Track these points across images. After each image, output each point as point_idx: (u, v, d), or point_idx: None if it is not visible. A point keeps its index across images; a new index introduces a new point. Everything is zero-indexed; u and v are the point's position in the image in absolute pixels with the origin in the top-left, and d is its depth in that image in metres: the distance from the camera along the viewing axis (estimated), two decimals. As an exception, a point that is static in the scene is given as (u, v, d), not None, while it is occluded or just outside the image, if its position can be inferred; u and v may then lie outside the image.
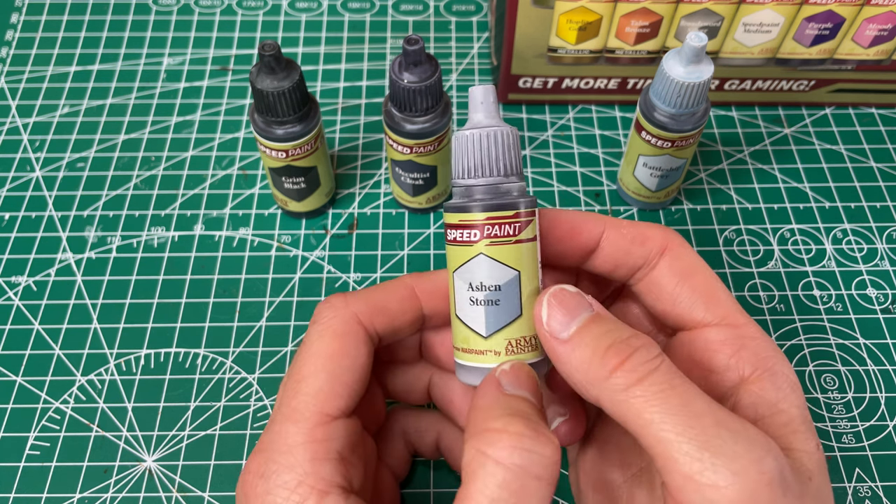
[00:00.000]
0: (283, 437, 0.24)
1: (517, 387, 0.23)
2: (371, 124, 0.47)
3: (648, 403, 0.21)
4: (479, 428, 0.22)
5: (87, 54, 0.50)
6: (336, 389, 0.25)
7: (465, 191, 0.25)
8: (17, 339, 0.38)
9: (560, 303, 0.23)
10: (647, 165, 0.39)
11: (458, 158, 0.25)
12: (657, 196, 0.41)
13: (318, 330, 0.26)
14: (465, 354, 0.25)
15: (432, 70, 0.35)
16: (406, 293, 0.27)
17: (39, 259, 0.41)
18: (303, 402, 0.24)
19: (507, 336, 0.25)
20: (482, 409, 0.22)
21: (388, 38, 0.51)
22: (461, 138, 0.25)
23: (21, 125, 0.46)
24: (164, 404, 0.36)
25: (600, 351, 0.22)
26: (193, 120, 0.47)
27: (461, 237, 0.25)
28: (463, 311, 0.25)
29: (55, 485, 0.34)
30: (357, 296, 0.27)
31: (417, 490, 0.34)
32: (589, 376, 0.22)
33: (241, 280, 0.40)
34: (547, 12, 0.40)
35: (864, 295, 0.40)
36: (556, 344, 0.23)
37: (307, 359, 0.25)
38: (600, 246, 0.27)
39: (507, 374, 0.24)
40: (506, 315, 0.25)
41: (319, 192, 0.41)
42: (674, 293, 0.26)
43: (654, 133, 0.37)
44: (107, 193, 0.43)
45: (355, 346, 0.26)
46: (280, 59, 0.34)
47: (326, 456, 0.24)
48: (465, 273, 0.25)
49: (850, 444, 0.35)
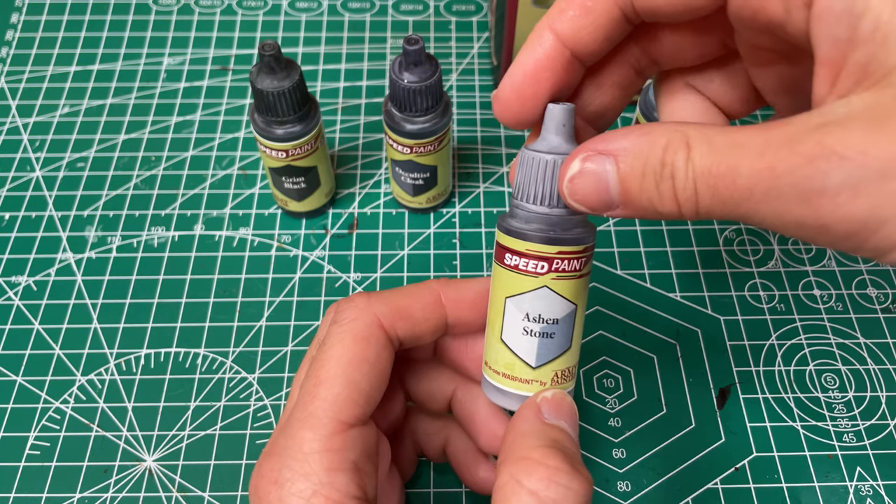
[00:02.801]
0: (299, 444, 0.23)
1: (558, 417, 0.23)
2: (371, 124, 0.47)
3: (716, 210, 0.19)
4: (517, 455, 0.22)
5: (87, 54, 0.50)
6: (354, 397, 0.24)
7: (536, 217, 0.23)
8: (17, 339, 0.38)
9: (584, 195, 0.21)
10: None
11: (532, 182, 0.23)
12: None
13: (338, 332, 0.25)
14: (506, 380, 0.25)
15: (432, 70, 0.35)
16: (431, 299, 0.27)
17: (39, 259, 0.41)
18: (320, 408, 0.24)
19: (554, 368, 0.24)
20: (521, 435, 0.22)
21: (388, 38, 0.51)
22: (538, 161, 0.23)
23: (21, 125, 0.46)
24: (164, 404, 0.36)
25: (657, 201, 0.20)
26: (193, 120, 0.47)
27: (525, 266, 0.24)
28: (512, 338, 0.24)
29: (55, 485, 0.34)
30: (381, 298, 0.26)
31: (419, 490, 0.34)
32: (671, 218, 0.20)
33: (241, 280, 0.40)
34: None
35: (865, 294, 0.40)
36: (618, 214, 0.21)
37: (326, 362, 0.25)
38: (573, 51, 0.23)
39: (548, 402, 0.24)
40: (557, 348, 0.24)
41: (319, 192, 0.41)
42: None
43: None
44: (107, 193, 0.43)
45: (376, 353, 0.25)
46: (280, 59, 0.34)
47: (342, 466, 0.23)
48: (522, 302, 0.24)
49: (852, 443, 0.35)
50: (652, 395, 0.36)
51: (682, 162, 0.19)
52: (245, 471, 0.34)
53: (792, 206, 0.18)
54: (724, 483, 0.34)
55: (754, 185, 0.18)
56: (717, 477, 0.34)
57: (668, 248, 0.41)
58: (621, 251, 0.41)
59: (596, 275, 0.40)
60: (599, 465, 0.34)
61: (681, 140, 0.19)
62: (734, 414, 0.36)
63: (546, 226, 0.23)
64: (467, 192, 0.43)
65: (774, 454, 0.35)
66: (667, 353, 0.38)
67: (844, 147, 0.17)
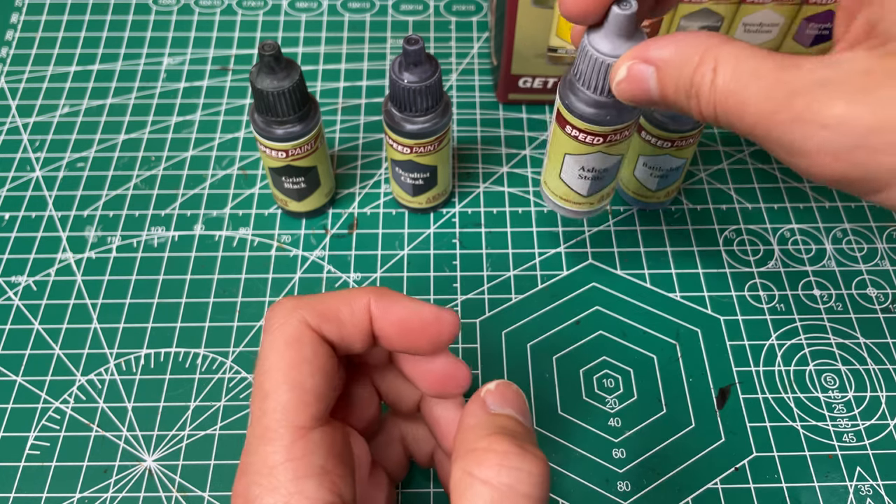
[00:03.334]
0: (262, 459, 0.23)
1: (503, 405, 0.23)
2: (371, 124, 0.47)
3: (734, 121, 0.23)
4: (466, 448, 0.22)
5: (87, 54, 0.50)
6: (303, 399, 0.24)
7: (594, 102, 0.28)
8: (17, 339, 0.38)
9: (629, 93, 0.26)
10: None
11: (591, 74, 0.27)
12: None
13: (270, 340, 0.25)
14: (563, 202, 0.33)
15: (432, 70, 0.35)
16: (360, 306, 0.26)
17: (39, 259, 0.41)
18: (273, 420, 0.23)
19: (601, 195, 0.33)
20: (468, 429, 0.23)
21: (388, 38, 0.51)
22: (597, 59, 0.27)
23: (21, 125, 0.46)
24: (164, 404, 0.36)
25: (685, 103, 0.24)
26: (193, 120, 0.47)
27: (583, 139, 0.30)
28: (570, 178, 0.32)
29: (55, 485, 0.34)
30: (308, 300, 0.26)
31: (417, 490, 0.34)
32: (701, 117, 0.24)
33: (241, 280, 0.40)
34: (547, 12, 0.40)
35: (865, 294, 0.40)
36: (658, 105, 0.25)
37: (266, 373, 0.24)
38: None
39: (492, 393, 0.24)
40: (604, 184, 0.32)
41: (319, 192, 0.41)
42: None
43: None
44: (107, 193, 0.43)
45: (312, 351, 0.25)
46: (280, 59, 0.34)
47: (308, 472, 0.23)
48: (580, 159, 0.31)
49: (851, 443, 0.35)
50: (652, 395, 0.36)
51: (707, 85, 0.23)
52: (245, 471, 0.34)
53: (783, 153, 0.21)
54: (724, 483, 0.34)
55: (756, 123, 0.21)
56: (717, 477, 0.34)
57: (668, 248, 0.41)
58: (621, 251, 0.41)
59: (596, 275, 0.40)
60: (599, 465, 0.34)
61: (711, 60, 0.23)
62: (734, 414, 0.36)
63: (602, 110, 0.29)
64: (467, 192, 0.43)
65: (774, 454, 0.35)
66: (667, 353, 0.38)
67: (827, 115, 0.20)
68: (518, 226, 0.42)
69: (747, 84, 0.21)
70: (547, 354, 0.37)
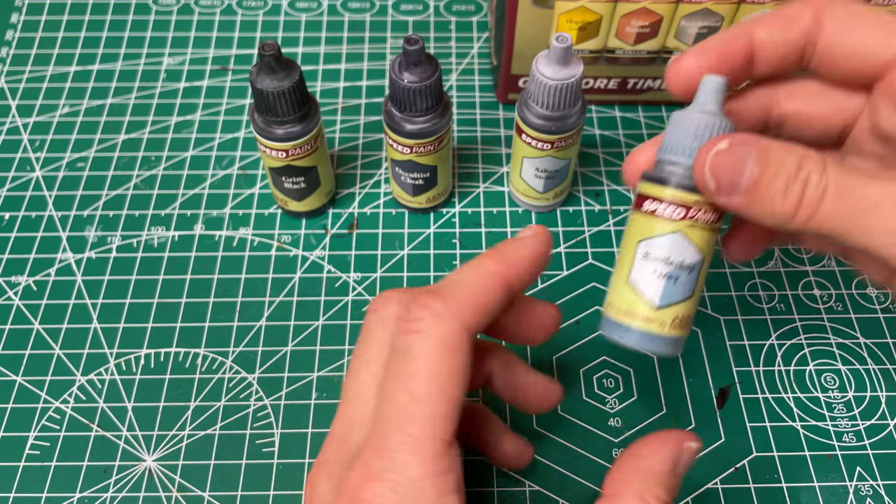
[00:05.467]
0: (404, 468, 0.22)
1: (684, 469, 0.25)
2: (371, 124, 0.47)
3: (834, 221, 0.23)
4: (641, 492, 0.24)
5: (87, 54, 0.50)
6: (450, 412, 0.23)
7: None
8: (17, 339, 0.38)
9: (721, 169, 0.23)
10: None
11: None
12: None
13: (422, 343, 0.23)
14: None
15: (432, 70, 0.35)
16: (501, 287, 0.25)
17: (39, 259, 0.41)
18: (421, 430, 0.22)
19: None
20: (654, 475, 0.24)
21: (388, 38, 0.51)
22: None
23: (21, 125, 0.46)
24: (164, 404, 0.36)
25: (780, 197, 0.23)
26: (193, 120, 0.47)
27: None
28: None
29: (55, 484, 0.34)
30: (455, 297, 0.24)
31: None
32: (778, 220, 0.23)
33: (241, 280, 0.40)
34: (547, 12, 0.40)
35: (864, 294, 0.40)
36: (732, 204, 0.24)
37: (418, 377, 0.23)
38: (755, 52, 0.26)
39: (690, 453, 0.25)
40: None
41: (319, 192, 0.41)
42: (852, 48, 0.25)
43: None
44: (107, 193, 0.43)
45: (466, 362, 0.23)
46: (280, 59, 0.34)
47: (451, 487, 0.22)
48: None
49: (851, 442, 0.35)
50: (652, 395, 0.36)
51: (818, 174, 0.22)
52: (245, 470, 0.34)
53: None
54: (724, 483, 0.34)
55: (874, 210, 0.22)
56: (717, 477, 0.34)
57: (668, 248, 0.41)
58: (621, 251, 0.41)
59: (596, 274, 0.40)
60: (599, 465, 0.34)
61: (819, 158, 0.23)
62: (734, 414, 0.36)
63: (548, 122, 0.26)
64: (467, 192, 0.43)
65: (774, 454, 0.35)
66: (667, 353, 0.38)
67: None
68: (518, 226, 0.42)
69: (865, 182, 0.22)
70: (547, 354, 0.37)
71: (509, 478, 0.34)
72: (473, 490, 0.34)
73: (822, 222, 0.23)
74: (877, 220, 0.22)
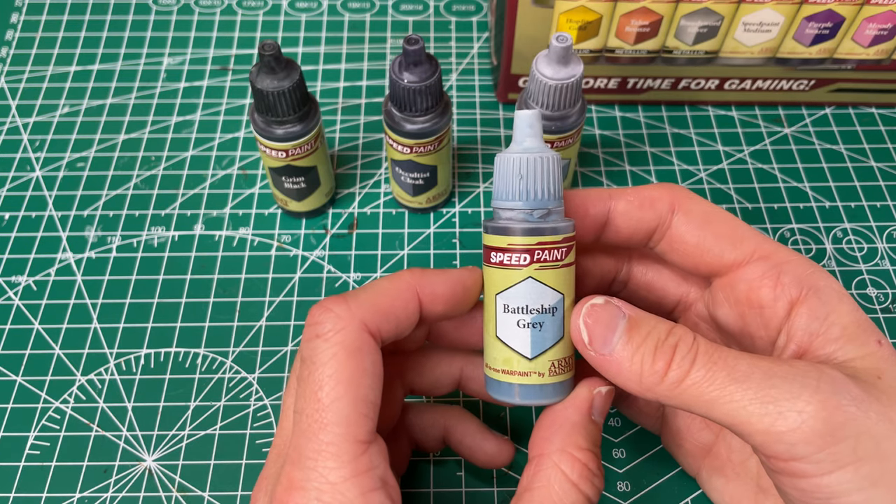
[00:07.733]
0: (323, 475, 0.22)
1: (601, 415, 0.26)
2: (371, 124, 0.47)
3: (702, 388, 0.22)
4: (563, 446, 0.24)
5: (87, 54, 0.50)
6: (363, 412, 0.23)
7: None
8: (17, 338, 0.38)
9: (595, 321, 0.24)
10: None
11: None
12: None
13: (327, 348, 0.24)
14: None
15: (432, 70, 0.35)
16: (409, 295, 0.26)
17: (39, 259, 0.41)
18: (334, 435, 0.23)
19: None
20: (571, 426, 0.25)
21: (388, 38, 0.51)
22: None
23: (21, 125, 0.46)
24: (164, 404, 0.36)
25: (648, 360, 0.23)
26: (193, 120, 0.47)
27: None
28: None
29: (55, 484, 0.34)
30: (359, 300, 0.25)
31: (419, 490, 0.34)
32: (643, 385, 0.23)
33: (241, 280, 0.40)
34: (547, 12, 0.40)
35: (865, 294, 0.40)
36: (602, 361, 0.24)
37: (324, 383, 0.23)
38: (610, 219, 0.28)
39: (602, 398, 0.25)
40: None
41: (319, 192, 0.41)
42: (698, 245, 0.27)
43: None
44: (107, 193, 0.43)
45: (371, 361, 0.24)
46: (280, 59, 0.34)
47: (374, 485, 0.23)
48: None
49: (851, 443, 0.35)
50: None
51: (689, 341, 0.23)
52: (245, 470, 0.34)
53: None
54: (724, 483, 0.34)
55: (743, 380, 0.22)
56: (716, 477, 0.34)
57: (668, 248, 0.41)
58: (621, 251, 0.41)
59: (596, 275, 0.40)
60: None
61: (689, 331, 0.24)
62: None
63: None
64: (467, 192, 0.43)
65: (774, 454, 0.35)
66: (667, 353, 0.38)
67: None
68: (518, 226, 0.42)
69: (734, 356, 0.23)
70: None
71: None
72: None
73: (687, 390, 0.23)
74: (747, 390, 0.22)
